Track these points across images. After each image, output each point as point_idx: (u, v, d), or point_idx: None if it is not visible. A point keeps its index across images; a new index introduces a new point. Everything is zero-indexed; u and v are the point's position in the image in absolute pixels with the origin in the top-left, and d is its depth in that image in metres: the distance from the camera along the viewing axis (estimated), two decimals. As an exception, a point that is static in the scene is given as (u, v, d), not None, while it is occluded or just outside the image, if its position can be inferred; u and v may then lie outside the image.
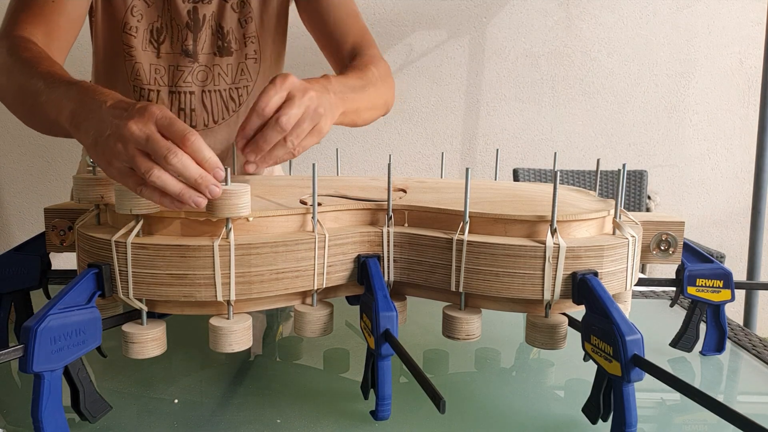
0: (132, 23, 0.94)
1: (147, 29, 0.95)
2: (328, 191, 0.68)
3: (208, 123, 0.98)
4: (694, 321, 0.70)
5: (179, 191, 0.51)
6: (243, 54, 0.99)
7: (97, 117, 0.55)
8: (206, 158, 0.52)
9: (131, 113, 0.52)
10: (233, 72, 0.99)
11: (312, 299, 0.60)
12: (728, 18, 2.29)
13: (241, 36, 0.98)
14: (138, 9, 0.94)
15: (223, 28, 0.97)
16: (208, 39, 0.97)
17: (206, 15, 0.96)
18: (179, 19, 0.95)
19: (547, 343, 0.57)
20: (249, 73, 1.00)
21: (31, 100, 0.69)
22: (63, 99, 0.62)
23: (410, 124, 2.30)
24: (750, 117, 2.33)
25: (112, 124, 0.53)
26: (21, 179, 2.25)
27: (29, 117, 0.76)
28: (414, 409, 0.57)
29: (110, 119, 0.53)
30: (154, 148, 0.50)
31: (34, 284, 0.66)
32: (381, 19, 2.22)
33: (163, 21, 0.95)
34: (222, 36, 0.97)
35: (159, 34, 0.95)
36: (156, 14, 0.95)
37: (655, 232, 0.67)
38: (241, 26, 0.98)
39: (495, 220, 0.58)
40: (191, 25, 0.95)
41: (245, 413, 0.57)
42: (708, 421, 0.57)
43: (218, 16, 0.97)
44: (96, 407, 0.52)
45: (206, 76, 0.98)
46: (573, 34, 2.27)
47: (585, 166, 2.31)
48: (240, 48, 0.99)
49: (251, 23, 0.98)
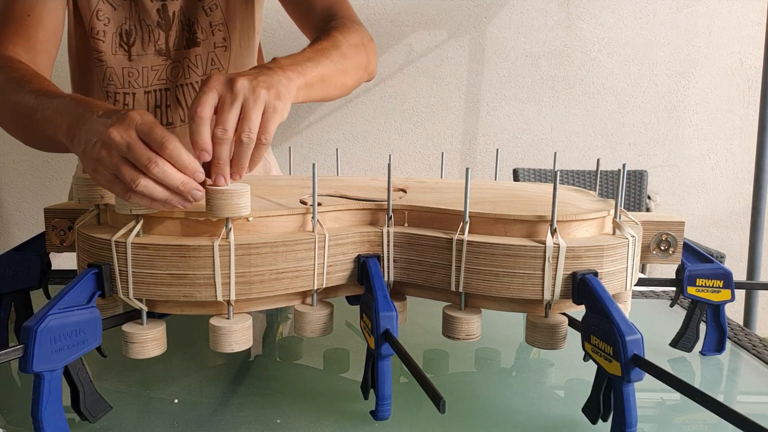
0: (98, 27, 0.92)
1: (116, 33, 0.93)
2: (328, 191, 0.68)
3: (184, 118, 0.96)
4: (694, 321, 0.70)
5: (165, 198, 0.52)
6: (211, 43, 0.96)
7: (87, 127, 0.56)
8: (186, 164, 0.52)
9: (113, 120, 0.53)
10: (203, 63, 0.97)
11: (312, 299, 0.60)
12: (728, 18, 2.29)
13: (207, 25, 0.96)
14: (104, 12, 0.92)
15: (189, 18, 0.95)
16: (178, 34, 0.95)
17: (175, 11, 0.94)
18: (149, 20, 0.93)
19: (547, 343, 0.57)
20: (219, 62, 0.97)
21: (25, 119, 0.69)
22: (57, 115, 0.62)
23: (410, 124, 2.30)
24: (750, 117, 2.33)
25: (97, 132, 0.53)
26: (21, 179, 2.25)
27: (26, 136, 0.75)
28: (414, 409, 0.57)
29: (97, 128, 0.54)
30: (135, 156, 0.51)
31: (34, 284, 0.66)
32: (381, 19, 2.22)
33: (132, 23, 0.93)
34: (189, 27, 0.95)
35: (128, 36, 0.93)
36: (123, 16, 0.93)
37: (655, 232, 0.67)
38: (206, 15, 0.95)
39: (495, 220, 0.58)
40: (162, 24, 0.94)
41: (245, 413, 0.57)
42: (708, 421, 0.57)
43: (186, 9, 0.95)
44: (96, 407, 0.52)
45: (178, 71, 0.96)
46: (573, 34, 2.27)
47: (585, 166, 2.31)
48: (207, 38, 0.96)
49: (216, 10, 0.95)
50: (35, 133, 0.70)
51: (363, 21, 1.01)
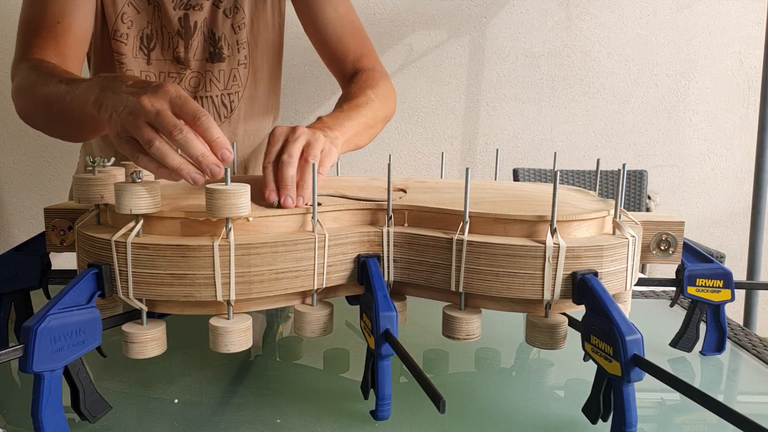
0: (122, 30, 0.94)
1: (137, 36, 0.95)
2: (328, 191, 0.68)
3: None
4: (694, 321, 0.70)
5: (178, 164, 0.54)
6: (235, 60, 0.99)
7: (116, 96, 0.58)
8: (214, 138, 0.54)
9: (147, 90, 0.55)
10: (225, 78, 0.99)
11: (312, 299, 0.60)
12: (728, 18, 2.29)
13: (234, 42, 0.98)
14: (128, 16, 0.94)
15: (215, 34, 0.97)
16: (200, 45, 0.97)
17: (198, 22, 0.95)
18: (170, 27, 0.95)
19: (547, 343, 0.57)
20: (240, 78, 1.00)
21: (56, 105, 0.71)
22: (86, 92, 0.65)
23: (410, 124, 2.30)
24: (750, 117, 2.33)
25: (128, 100, 0.55)
26: (21, 179, 2.25)
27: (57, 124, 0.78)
28: (414, 409, 0.57)
29: (127, 96, 0.56)
30: (162, 123, 0.53)
31: (34, 284, 0.66)
32: (381, 19, 2.22)
33: (154, 28, 0.95)
34: (214, 42, 0.97)
35: (149, 41, 0.95)
36: (146, 21, 0.95)
37: (655, 232, 0.67)
38: (234, 32, 0.98)
39: (495, 220, 0.58)
40: (182, 32, 0.95)
41: (245, 413, 0.57)
42: (708, 421, 0.57)
43: (210, 23, 0.96)
44: (96, 407, 0.52)
45: (198, 82, 0.98)
46: (573, 34, 2.27)
47: (585, 166, 2.31)
48: (232, 54, 0.98)
49: (244, 29, 0.98)
50: (66, 117, 0.72)
51: (363, 21, 1.02)
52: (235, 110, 1.01)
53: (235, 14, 0.97)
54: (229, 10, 0.97)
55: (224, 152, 0.55)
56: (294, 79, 2.19)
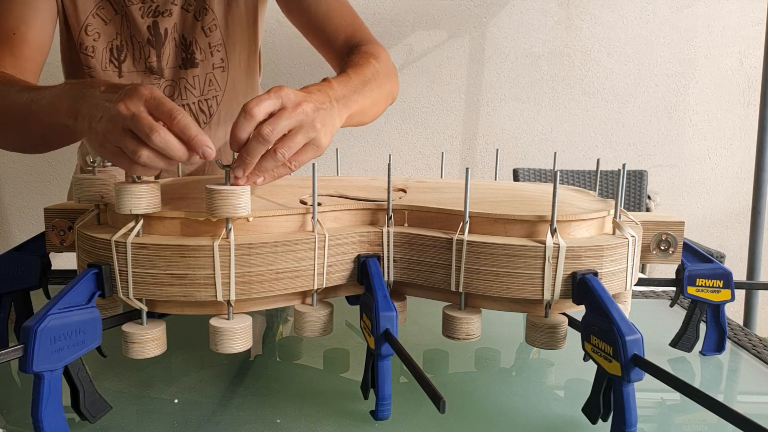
0: (87, 43, 0.91)
1: (106, 48, 0.92)
2: (328, 191, 0.68)
3: None
4: (694, 321, 0.70)
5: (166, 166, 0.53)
6: (210, 64, 0.96)
7: (91, 103, 0.56)
8: (193, 136, 0.52)
9: (121, 94, 0.53)
10: (201, 84, 0.96)
11: (312, 299, 0.60)
12: (728, 18, 2.29)
13: (206, 45, 0.95)
14: (93, 27, 0.91)
15: (186, 39, 0.94)
16: (172, 52, 0.94)
17: (168, 29, 0.93)
18: (140, 36, 0.92)
19: (547, 343, 0.57)
20: (217, 82, 0.97)
21: (20, 115, 0.68)
22: (55, 100, 0.62)
23: (410, 124, 2.30)
24: (750, 117, 2.33)
25: (104, 107, 0.53)
26: (21, 179, 2.25)
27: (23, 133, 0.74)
28: (414, 409, 0.57)
29: (102, 103, 0.54)
30: (139, 126, 0.51)
31: (34, 284, 0.66)
32: (381, 19, 2.22)
33: (123, 38, 0.92)
34: (185, 48, 0.94)
35: (119, 52, 0.92)
36: (114, 32, 0.91)
37: (655, 232, 0.67)
38: (205, 35, 0.94)
39: (495, 220, 0.58)
40: (153, 41, 0.92)
41: (245, 413, 0.57)
42: (708, 421, 0.57)
43: (180, 28, 0.93)
44: (96, 407, 0.52)
45: (173, 90, 0.95)
46: (573, 34, 2.27)
47: (585, 166, 2.31)
48: (206, 58, 0.95)
49: (215, 31, 0.94)
50: (32, 125, 0.69)
51: (363, 21, 1.01)
52: (214, 115, 0.98)
53: (204, 16, 0.93)
54: (198, 13, 0.93)
55: (205, 150, 0.52)
56: (294, 79, 2.19)
